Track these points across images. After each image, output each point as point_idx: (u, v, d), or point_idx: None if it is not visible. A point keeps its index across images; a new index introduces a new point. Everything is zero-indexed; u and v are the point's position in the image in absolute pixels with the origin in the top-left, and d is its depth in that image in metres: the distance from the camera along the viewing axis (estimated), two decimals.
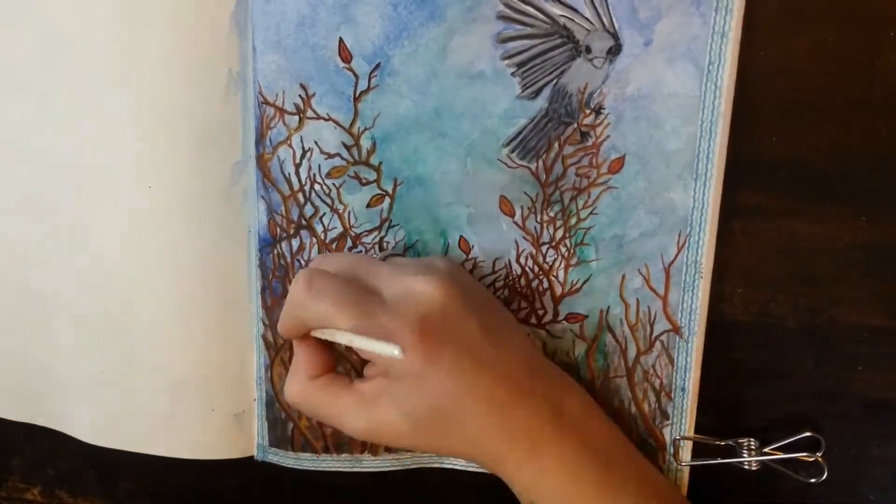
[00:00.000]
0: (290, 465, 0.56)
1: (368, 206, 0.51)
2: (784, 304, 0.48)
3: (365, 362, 0.47)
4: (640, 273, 0.49)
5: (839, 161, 0.46)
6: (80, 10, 0.49)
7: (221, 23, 0.49)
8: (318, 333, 0.46)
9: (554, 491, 0.45)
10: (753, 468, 0.51)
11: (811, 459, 0.51)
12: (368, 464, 0.55)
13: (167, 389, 0.55)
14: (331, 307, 0.44)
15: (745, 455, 0.51)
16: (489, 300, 0.49)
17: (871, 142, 0.46)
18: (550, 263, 0.50)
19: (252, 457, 0.56)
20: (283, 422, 0.55)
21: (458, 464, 0.55)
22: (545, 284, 0.51)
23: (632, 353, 0.51)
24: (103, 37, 0.49)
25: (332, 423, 0.47)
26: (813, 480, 0.51)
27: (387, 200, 0.51)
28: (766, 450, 0.51)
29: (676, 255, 0.49)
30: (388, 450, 0.55)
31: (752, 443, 0.51)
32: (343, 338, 0.44)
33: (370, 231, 0.51)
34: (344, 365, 0.53)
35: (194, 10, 0.49)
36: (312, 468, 0.56)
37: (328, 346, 0.48)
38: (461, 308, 0.44)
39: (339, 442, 0.55)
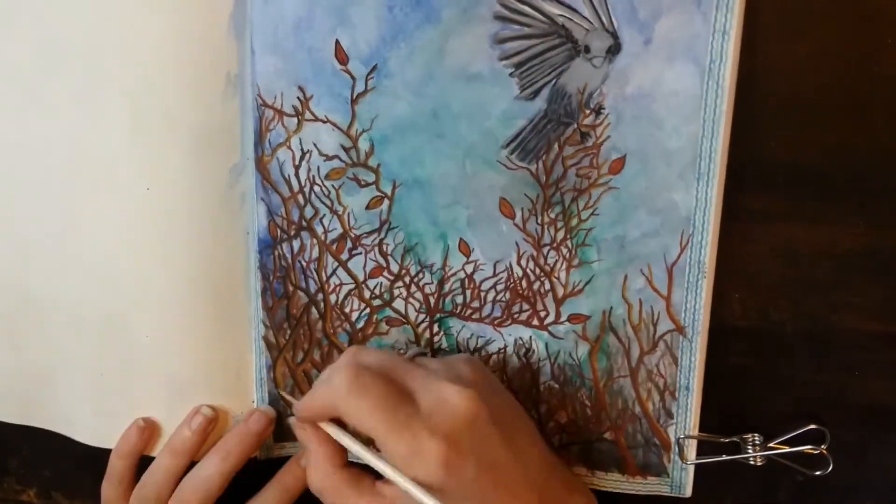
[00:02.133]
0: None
1: (368, 207, 0.51)
2: (782, 309, 0.48)
3: None
4: (643, 273, 0.49)
5: (838, 165, 0.46)
6: (79, 13, 0.49)
7: (220, 25, 0.49)
8: (334, 434, 0.47)
9: None
10: (758, 464, 0.51)
11: (816, 452, 0.50)
12: None
13: (166, 392, 0.55)
14: (371, 410, 0.44)
15: (750, 451, 0.51)
16: (511, 407, 0.49)
17: (871, 146, 0.45)
18: (552, 265, 0.50)
19: (253, 458, 0.56)
20: (289, 416, 0.55)
21: None
22: (547, 286, 0.50)
23: (635, 353, 0.51)
24: (102, 40, 0.49)
25: None
26: (818, 473, 0.50)
27: (386, 202, 0.50)
28: (771, 444, 0.51)
29: (679, 255, 0.48)
30: None
31: (757, 438, 0.51)
32: (367, 458, 0.46)
33: (370, 233, 0.51)
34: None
35: (193, 13, 0.48)
36: None
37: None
38: (487, 422, 0.45)
39: None
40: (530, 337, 0.52)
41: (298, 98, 0.49)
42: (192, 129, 0.50)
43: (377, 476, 0.47)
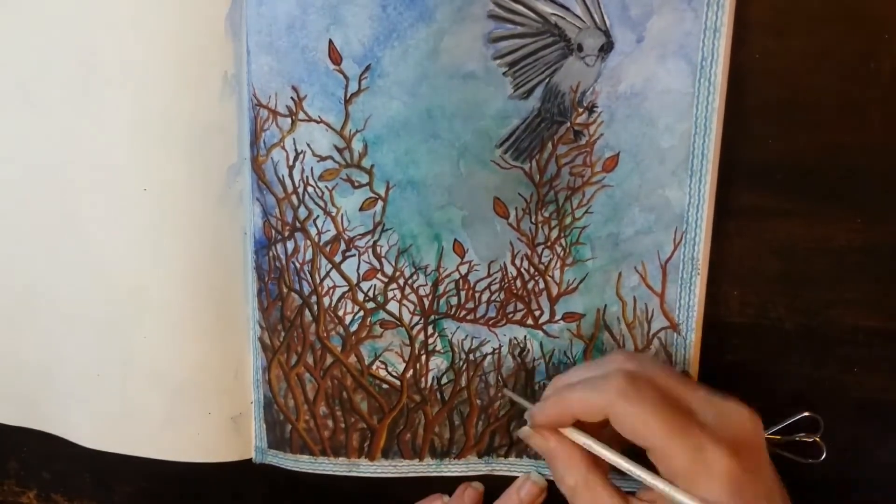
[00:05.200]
0: (288, 467, 0.56)
1: (361, 209, 0.51)
2: (780, 305, 0.48)
3: None
4: (637, 271, 0.49)
5: (834, 162, 0.46)
6: (76, 14, 0.49)
7: (216, 25, 0.49)
8: (582, 441, 0.45)
9: None
10: None
11: (810, 440, 0.50)
12: (365, 469, 0.55)
13: (164, 393, 0.55)
14: (648, 414, 0.42)
15: None
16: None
17: (866, 143, 0.46)
18: (546, 264, 0.50)
19: (249, 460, 0.56)
20: (281, 423, 0.55)
21: (456, 471, 0.55)
22: (541, 285, 0.50)
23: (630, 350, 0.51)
24: (99, 40, 0.49)
25: None
26: (811, 461, 0.50)
27: (379, 203, 0.50)
28: (766, 435, 0.50)
29: (673, 252, 0.48)
30: (385, 456, 0.55)
31: None
32: (627, 466, 0.43)
33: (363, 235, 0.51)
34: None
35: (189, 13, 0.48)
36: (310, 470, 0.56)
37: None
38: (765, 449, 0.43)
39: (336, 446, 0.55)
40: (525, 336, 0.52)
41: (292, 98, 0.49)
42: (190, 130, 0.50)
43: None
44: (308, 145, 0.50)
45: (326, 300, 0.53)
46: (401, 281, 0.52)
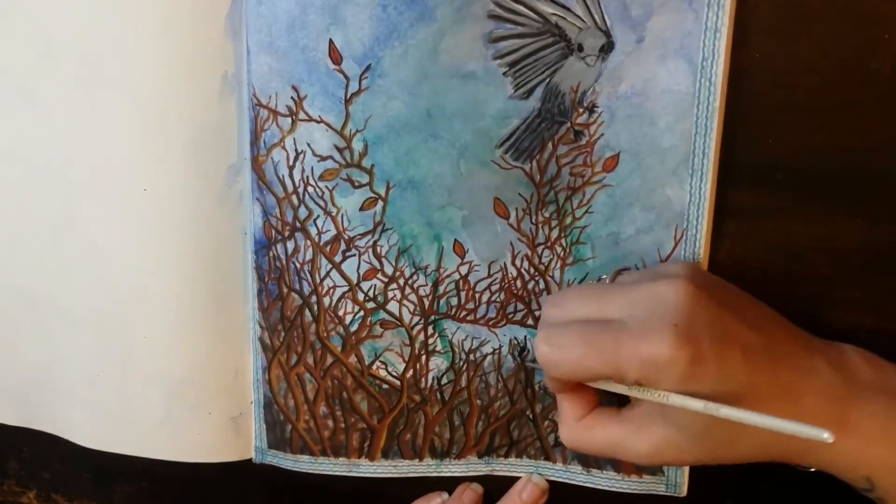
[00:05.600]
0: (288, 468, 0.56)
1: (361, 209, 0.51)
2: (778, 304, 0.48)
3: None
4: (637, 268, 0.49)
5: (834, 162, 0.46)
6: (75, 14, 0.49)
7: (216, 25, 0.49)
8: (600, 385, 0.44)
9: (883, 456, 0.42)
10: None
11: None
12: (365, 469, 0.55)
13: (163, 392, 0.55)
14: (575, 360, 0.42)
15: None
16: (732, 289, 0.46)
17: (866, 143, 0.45)
18: (546, 264, 0.50)
19: (249, 460, 0.56)
20: (281, 424, 0.55)
21: (456, 471, 0.55)
22: (541, 285, 0.51)
23: None
24: (99, 40, 0.49)
25: (612, 456, 0.46)
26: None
27: (380, 203, 0.50)
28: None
29: (674, 249, 0.48)
30: (385, 456, 0.55)
31: None
32: (613, 387, 0.43)
33: (363, 234, 0.51)
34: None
35: (189, 13, 0.48)
36: (310, 471, 0.56)
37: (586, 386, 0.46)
38: (709, 301, 0.41)
39: (336, 446, 0.55)
40: (525, 337, 0.52)
41: (292, 98, 0.49)
42: (190, 130, 0.50)
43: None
44: (308, 145, 0.50)
45: (326, 300, 0.53)
46: (401, 281, 0.52)
